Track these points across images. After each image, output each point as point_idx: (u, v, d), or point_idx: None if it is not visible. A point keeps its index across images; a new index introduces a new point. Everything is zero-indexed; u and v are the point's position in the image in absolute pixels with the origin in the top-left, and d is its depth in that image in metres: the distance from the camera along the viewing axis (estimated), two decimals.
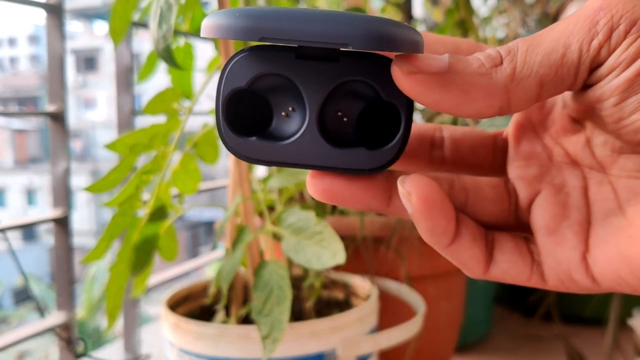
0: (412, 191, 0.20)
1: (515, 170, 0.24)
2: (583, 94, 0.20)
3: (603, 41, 0.19)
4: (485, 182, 0.23)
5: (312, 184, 0.21)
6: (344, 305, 0.58)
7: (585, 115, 0.22)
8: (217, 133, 0.21)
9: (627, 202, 0.21)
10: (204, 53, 0.66)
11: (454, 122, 0.52)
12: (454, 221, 0.20)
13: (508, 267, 0.21)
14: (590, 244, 0.21)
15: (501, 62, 0.19)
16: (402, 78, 0.19)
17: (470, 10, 0.90)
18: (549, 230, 0.21)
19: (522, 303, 0.90)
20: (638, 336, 0.65)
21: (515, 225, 0.23)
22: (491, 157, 0.25)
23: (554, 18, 0.98)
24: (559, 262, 0.21)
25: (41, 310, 0.63)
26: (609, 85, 0.19)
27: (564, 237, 0.21)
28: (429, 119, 0.58)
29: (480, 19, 1.03)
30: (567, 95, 0.22)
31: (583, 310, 0.84)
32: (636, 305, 0.72)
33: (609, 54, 0.19)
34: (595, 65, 0.19)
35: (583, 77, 0.20)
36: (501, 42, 1.05)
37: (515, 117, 0.25)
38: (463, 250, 0.21)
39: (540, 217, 0.22)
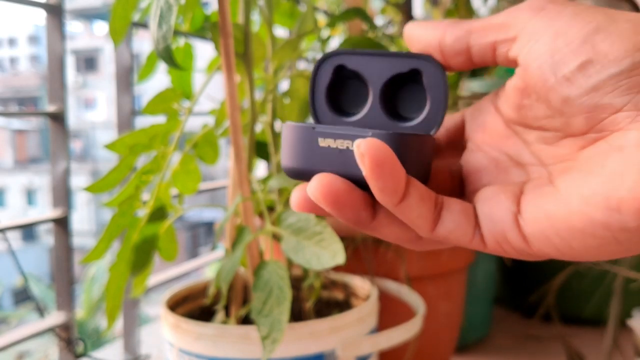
0: (366, 153, 0.21)
1: (469, 186, 0.27)
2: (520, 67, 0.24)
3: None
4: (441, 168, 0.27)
5: (316, 187, 0.23)
6: (343, 305, 0.58)
7: (525, 92, 0.24)
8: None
9: (557, 175, 0.23)
10: (204, 53, 0.66)
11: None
12: (404, 182, 0.22)
13: (453, 227, 0.24)
14: (522, 206, 0.23)
15: None
16: None
17: (470, 10, 0.90)
18: (487, 198, 0.24)
19: (522, 303, 0.90)
20: (637, 337, 0.65)
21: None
22: (450, 184, 0.28)
23: None
24: (494, 222, 0.23)
25: (41, 311, 0.63)
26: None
27: (499, 201, 0.24)
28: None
29: None
30: (502, 101, 0.26)
31: (583, 311, 0.84)
32: (636, 305, 0.72)
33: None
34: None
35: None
36: None
37: (466, 144, 0.28)
38: (411, 209, 0.23)
39: (482, 192, 0.25)
